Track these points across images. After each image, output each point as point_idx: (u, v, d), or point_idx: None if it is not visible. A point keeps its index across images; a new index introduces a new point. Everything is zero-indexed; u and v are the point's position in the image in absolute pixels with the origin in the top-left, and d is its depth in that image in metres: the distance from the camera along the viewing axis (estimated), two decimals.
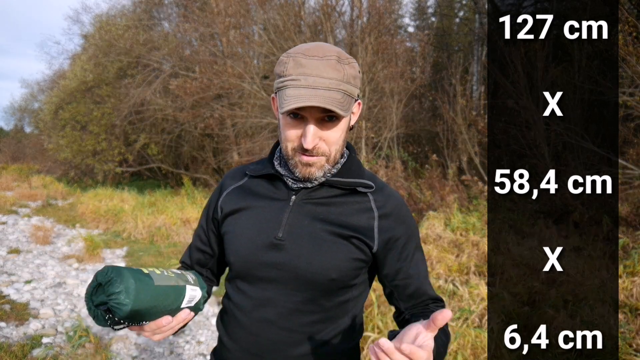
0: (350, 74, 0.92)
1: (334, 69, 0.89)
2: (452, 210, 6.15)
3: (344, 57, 0.92)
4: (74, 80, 14.19)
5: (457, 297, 3.68)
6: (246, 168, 1.12)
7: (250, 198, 1.05)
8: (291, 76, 0.90)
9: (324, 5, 8.53)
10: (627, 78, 6.03)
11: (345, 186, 1.00)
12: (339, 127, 0.94)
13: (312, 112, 0.90)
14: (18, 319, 3.76)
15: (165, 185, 13.42)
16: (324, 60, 0.89)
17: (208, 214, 1.15)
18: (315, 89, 0.88)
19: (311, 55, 0.90)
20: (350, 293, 1.02)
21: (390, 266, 1.01)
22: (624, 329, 3.03)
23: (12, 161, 24.72)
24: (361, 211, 1.00)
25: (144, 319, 0.85)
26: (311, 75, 0.89)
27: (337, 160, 0.98)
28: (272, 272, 0.98)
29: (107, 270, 0.82)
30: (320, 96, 0.87)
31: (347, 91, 0.91)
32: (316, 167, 0.96)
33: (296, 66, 0.90)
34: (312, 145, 0.92)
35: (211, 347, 3.41)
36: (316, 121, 0.92)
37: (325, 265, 0.96)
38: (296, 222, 0.99)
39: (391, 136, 8.53)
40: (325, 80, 0.88)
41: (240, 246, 1.02)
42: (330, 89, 0.88)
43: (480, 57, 12.68)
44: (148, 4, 14.16)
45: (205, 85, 9.66)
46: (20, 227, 7.89)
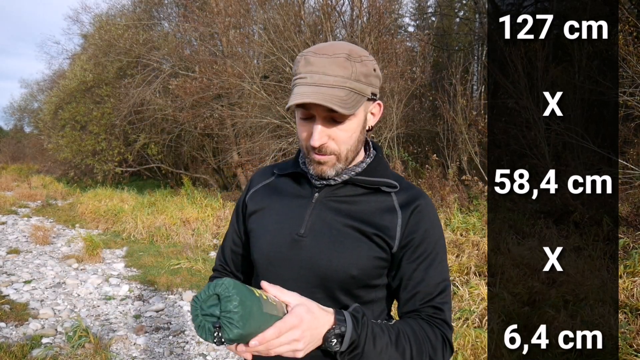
0: (360, 71, 0.91)
1: (341, 66, 0.89)
2: (452, 210, 6.15)
3: (355, 55, 0.91)
4: (73, 80, 14.19)
5: (457, 297, 3.67)
6: (274, 167, 1.14)
7: (275, 196, 1.07)
8: (300, 74, 0.91)
9: (324, 5, 8.53)
10: (627, 78, 6.02)
11: (369, 185, 1.00)
12: (348, 127, 0.93)
13: (318, 110, 0.90)
14: (18, 319, 3.75)
15: (165, 185, 13.42)
16: (332, 58, 0.89)
17: (237, 213, 1.16)
18: (319, 87, 0.88)
19: (321, 54, 0.90)
20: (374, 294, 1.00)
21: (398, 268, 0.99)
22: (624, 329, 3.03)
23: (12, 161, 24.73)
24: (384, 210, 0.99)
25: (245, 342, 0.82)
26: (317, 73, 0.89)
27: (350, 159, 0.98)
28: (294, 268, 0.98)
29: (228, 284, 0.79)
30: (321, 93, 0.87)
31: (354, 89, 0.90)
32: (327, 165, 0.96)
33: (305, 64, 0.91)
34: (318, 144, 0.92)
35: (211, 348, 3.41)
36: (323, 120, 0.92)
37: (346, 262, 0.95)
38: (318, 219, 0.99)
39: (391, 136, 8.52)
40: (330, 78, 0.88)
41: (264, 243, 1.03)
42: (334, 87, 0.88)
43: (480, 57, 12.69)
44: (148, 4, 14.15)
45: (205, 85, 9.65)
46: (20, 227, 7.88)
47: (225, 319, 0.78)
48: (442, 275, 0.99)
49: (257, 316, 0.80)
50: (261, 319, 0.82)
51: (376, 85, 0.96)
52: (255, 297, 0.82)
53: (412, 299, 0.98)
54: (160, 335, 3.60)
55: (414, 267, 0.97)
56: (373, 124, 1.01)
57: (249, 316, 0.79)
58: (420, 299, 0.97)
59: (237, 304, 0.77)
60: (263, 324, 0.82)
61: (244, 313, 0.78)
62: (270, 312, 0.85)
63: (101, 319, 3.93)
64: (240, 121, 9.75)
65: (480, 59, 12.58)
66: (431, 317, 0.96)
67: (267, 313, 0.83)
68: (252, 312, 0.79)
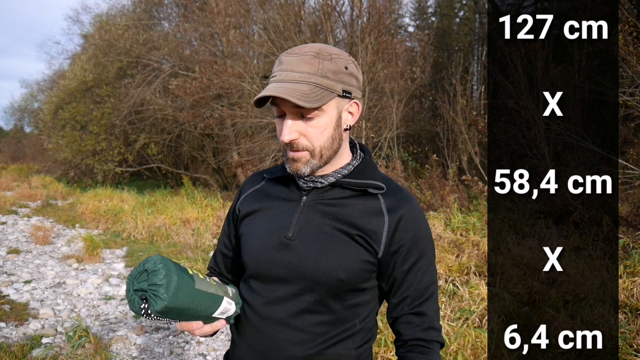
0: (328, 68, 0.92)
1: (307, 63, 0.91)
2: (452, 210, 6.15)
3: (325, 53, 0.93)
4: (73, 80, 14.19)
5: (457, 297, 3.67)
6: (264, 172, 1.15)
7: (264, 200, 1.08)
8: (273, 73, 0.95)
9: (324, 5, 8.53)
10: (627, 78, 6.02)
11: (356, 187, 1.00)
12: (317, 123, 0.94)
13: (286, 106, 0.93)
14: (18, 319, 3.75)
15: (165, 185, 13.42)
16: (300, 56, 0.92)
17: (229, 218, 1.18)
18: (283, 82, 0.91)
19: (292, 54, 0.94)
20: (362, 297, 1.01)
21: (389, 273, 1.00)
22: (624, 329, 3.03)
23: (12, 161, 24.72)
24: (371, 213, 0.99)
25: (176, 318, 0.85)
26: (285, 70, 0.93)
27: (326, 157, 0.98)
28: (282, 271, 0.99)
29: (156, 260, 0.83)
30: (283, 88, 0.90)
31: (320, 84, 0.91)
32: (301, 162, 0.97)
33: (278, 64, 0.95)
34: (287, 139, 0.94)
35: (211, 348, 3.41)
36: (293, 116, 0.94)
37: (334, 265, 0.95)
38: (306, 222, 1.00)
39: (391, 136, 8.52)
40: (295, 74, 0.91)
41: (253, 246, 1.04)
42: (297, 82, 0.90)
43: (480, 57, 12.68)
44: (148, 4, 14.15)
45: (205, 85, 9.66)
46: (20, 227, 7.88)
47: (151, 291, 0.81)
48: (430, 279, 1.02)
49: (186, 291, 0.83)
50: (192, 295, 0.84)
51: (350, 83, 0.95)
52: (187, 274, 0.85)
53: (401, 303, 1.01)
54: (160, 335, 3.60)
55: (403, 273, 0.99)
56: (352, 123, 1.01)
57: (177, 290, 0.81)
58: (409, 304, 1.00)
59: (162, 277, 0.80)
60: (195, 300, 0.85)
61: (170, 286, 0.80)
62: (206, 289, 0.87)
63: (101, 319, 3.93)
64: (240, 121, 9.76)
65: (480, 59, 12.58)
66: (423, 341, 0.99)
67: (200, 290, 0.85)
68: (180, 286, 0.81)
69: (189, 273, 0.86)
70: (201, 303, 0.87)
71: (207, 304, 0.89)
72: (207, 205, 8.81)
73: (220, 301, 0.92)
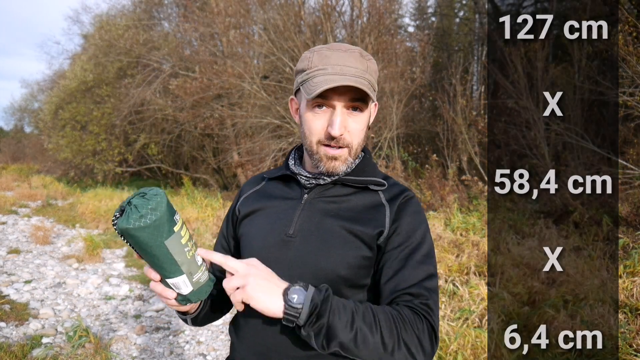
0: (372, 68, 0.96)
1: (357, 60, 0.93)
2: (452, 210, 6.15)
3: (365, 54, 0.96)
4: (74, 80, 14.20)
5: (457, 297, 3.67)
6: (264, 173, 1.16)
7: (265, 200, 1.08)
8: (317, 67, 0.93)
9: (324, 5, 8.53)
10: (627, 78, 6.02)
11: (357, 184, 1.01)
12: (362, 119, 0.96)
13: (339, 99, 0.92)
14: (18, 319, 3.76)
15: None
16: (347, 53, 0.93)
17: (228, 220, 1.17)
18: (344, 75, 0.90)
19: (335, 49, 0.94)
20: (362, 295, 0.99)
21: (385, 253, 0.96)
22: (624, 329, 3.03)
23: (12, 161, 24.73)
24: (372, 207, 1.00)
25: (135, 249, 0.85)
26: (337, 64, 0.92)
27: (355, 156, 1.00)
28: (283, 269, 0.98)
29: (158, 192, 0.83)
30: (351, 77, 0.90)
31: (370, 82, 0.94)
32: (341, 160, 0.97)
33: (321, 58, 0.93)
34: (339, 132, 0.92)
35: (211, 348, 3.41)
36: (343, 110, 0.94)
37: (334, 262, 0.95)
38: (307, 220, 1.00)
39: (391, 136, 8.52)
40: (351, 69, 0.92)
41: (254, 245, 1.03)
42: (357, 76, 0.91)
43: (480, 57, 12.68)
44: (148, 4, 14.16)
45: (205, 85, 9.66)
46: (20, 227, 7.88)
47: (129, 209, 0.81)
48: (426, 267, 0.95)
49: (153, 235, 0.81)
50: (156, 244, 0.82)
51: (376, 85, 0.99)
52: (171, 227, 0.82)
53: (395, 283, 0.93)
54: (160, 335, 3.61)
55: (397, 254, 0.94)
56: (370, 124, 1.04)
57: (146, 226, 0.80)
58: (404, 283, 0.92)
59: (147, 206, 0.80)
60: (155, 249, 0.83)
61: (144, 218, 0.79)
62: (172, 253, 0.84)
63: (101, 318, 3.93)
64: (240, 121, 9.76)
65: (480, 59, 12.58)
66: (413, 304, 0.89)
67: (165, 246, 0.83)
68: (152, 226, 0.80)
69: (174, 229, 0.82)
70: (159, 257, 0.84)
71: (164, 263, 0.85)
72: (207, 205, 8.82)
73: (177, 274, 0.87)
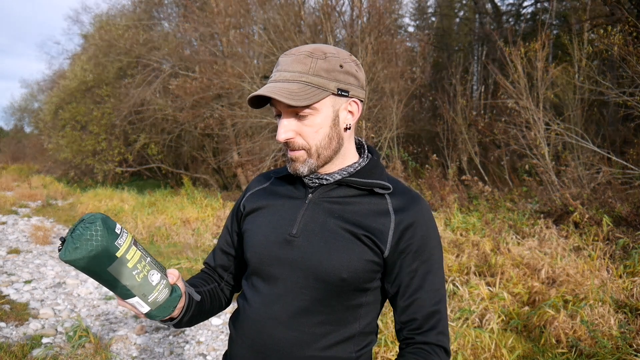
0: (321, 67, 0.92)
1: (300, 62, 0.92)
2: (452, 210, 6.15)
3: (319, 52, 0.93)
4: (74, 80, 14.21)
5: (457, 297, 3.67)
6: (272, 172, 1.16)
7: (270, 197, 1.08)
8: (271, 75, 0.98)
9: (324, 5, 8.53)
10: (627, 78, 6.02)
11: (362, 186, 0.99)
12: (312, 122, 0.94)
13: (279, 107, 0.94)
14: (18, 319, 3.75)
15: (165, 185, 13.43)
16: (294, 56, 0.94)
17: (233, 215, 1.17)
18: (275, 82, 0.92)
19: (289, 54, 0.95)
20: (364, 298, 0.98)
21: (395, 274, 0.97)
22: (624, 329, 3.03)
23: (12, 161, 24.74)
24: (377, 213, 0.97)
25: (85, 273, 0.84)
26: (279, 71, 0.94)
27: (325, 157, 0.97)
28: (285, 268, 0.98)
29: (95, 218, 0.82)
30: (272, 87, 0.91)
31: (311, 82, 0.91)
32: (299, 162, 0.97)
33: (275, 66, 0.97)
34: (282, 138, 0.95)
35: (211, 348, 3.41)
36: (288, 115, 0.95)
37: (337, 264, 0.94)
38: (311, 220, 0.99)
39: (391, 136, 8.53)
40: (287, 74, 0.93)
41: (256, 242, 1.03)
42: (288, 81, 0.92)
43: (480, 57, 12.68)
44: (148, 4, 14.17)
45: (205, 85, 9.67)
46: (20, 227, 7.88)
47: (69, 238, 0.81)
48: (439, 282, 0.99)
49: (95, 264, 0.81)
50: (100, 271, 0.82)
51: (346, 82, 0.94)
52: (114, 255, 0.82)
53: (410, 307, 0.97)
54: (160, 335, 3.61)
55: (411, 275, 0.96)
56: (352, 123, 1.00)
57: (87, 257, 0.80)
58: (418, 308, 0.96)
59: (84, 236, 0.80)
60: (102, 275, 0.83)
61: (82, 248, 0.80)
62: (119, 277, 0.84)
63: (101, 319, 3.93)
64: (240, 121, 9.76)
65: (480, 59, 12.57)
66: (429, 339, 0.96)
67: (109, 273, 0.83)
68: (93, 257, 0.80)
69: (116, 255, 0.82)
70: (108, 282, 0.84)
71: (114, 288, 0.86)
72: (207, 205, 8.81)
73: (129, 296, 0.88)
